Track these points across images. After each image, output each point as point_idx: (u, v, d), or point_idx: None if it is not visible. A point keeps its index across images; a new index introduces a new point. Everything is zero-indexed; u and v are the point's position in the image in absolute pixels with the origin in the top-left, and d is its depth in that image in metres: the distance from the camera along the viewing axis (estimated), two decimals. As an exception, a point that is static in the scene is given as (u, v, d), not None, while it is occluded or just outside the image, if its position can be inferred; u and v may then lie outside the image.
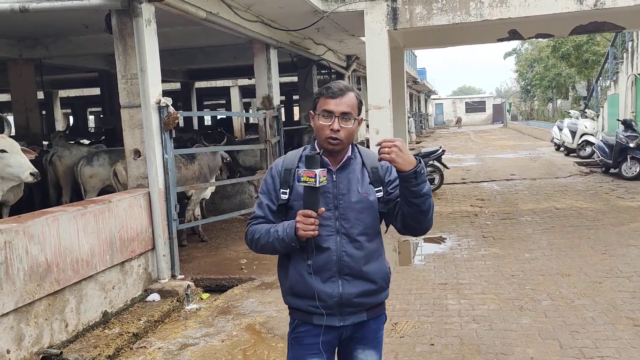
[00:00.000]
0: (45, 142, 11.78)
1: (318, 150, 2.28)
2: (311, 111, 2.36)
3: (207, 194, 8.26)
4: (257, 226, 2.36)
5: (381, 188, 2.35)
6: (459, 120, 51.45)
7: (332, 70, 14.30)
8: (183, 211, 7.95)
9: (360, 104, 2.35)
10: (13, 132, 8.19)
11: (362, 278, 2.29)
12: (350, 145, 2.37)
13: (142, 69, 5.70)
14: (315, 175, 2.12)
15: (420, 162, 2.16)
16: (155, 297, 5.60)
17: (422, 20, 6.80)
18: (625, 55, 16.40)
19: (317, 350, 2.32)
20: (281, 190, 2.34)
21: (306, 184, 2.14)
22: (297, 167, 2.32)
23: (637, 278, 5.61)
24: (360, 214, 2.28)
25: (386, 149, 2.13)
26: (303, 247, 2.24)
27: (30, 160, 5.35)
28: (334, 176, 2.31)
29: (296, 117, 24.46)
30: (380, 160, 2.18)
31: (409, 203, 2.23)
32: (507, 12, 7.45)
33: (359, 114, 2.34)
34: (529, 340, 4.29)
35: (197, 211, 8.12)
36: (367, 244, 2.30)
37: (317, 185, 2.13)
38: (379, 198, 2.34)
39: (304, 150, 2.41)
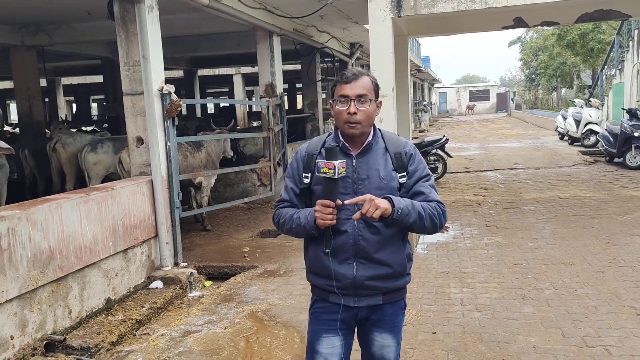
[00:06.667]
0: (48, 131, 11.78)
1: (339, 139, 2.36)
2: (329, 101, 2.43)
3: (212, 181, 8.28)
4: (282, 210, 2.44)
5: (405, 174, 2.37)
6: (470, 107, 53.43)
7: (336, 58, 14.22)
8: (186, 199, 7.97)
9: (376, 87, 2.38)
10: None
11: (377, 262, 2.33)
12: (373, 130, 2.41)
13: (144, 56, 5.67)
14: (335, 167, 2.16)
15: (394, 205, 2.21)
16: (158, 284, 5.61)
17: (426, 7, 6.72)
18: (631, 43, 16.25)
19: (333, 327, 2.39)
20: (304, 174, 2.41)
21: (325, 175, 2.18)
22: (320, 153, 2.37)
23: (640, 267, 5.61)
24: None
25: (369, 210, 2.16)
26: (322, 234, 2.30)
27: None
28: (354, 161, 2.34)
29: (299, 105, 24.38)
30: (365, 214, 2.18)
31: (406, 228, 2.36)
32: (513, -1, 7.36)
33: (376, 97, 2.37)
34: (532, 329, 4.29)
35: (206, 199, 8.14)
36: (384, 230, 2.31)
37: (336, 176, 2.17)
38: (402, 183, 2.36)
39: (327, 136, 2.46)
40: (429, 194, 2.36)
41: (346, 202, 2.23)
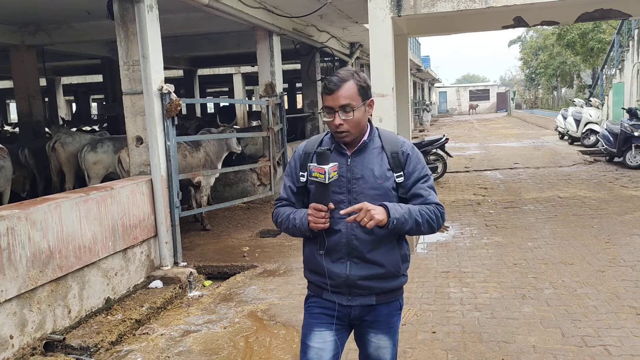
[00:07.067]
0: (48, 130, 11.78)
1: (335, 141, 2.34)
2: None
3: (212, 181, 8.27)
4: (280, 209, 2.46)
5: (402, 173, 2.33)
6: (473, 107, 54.09)
7: (336, 58, 14.22)
8: (186, 199, 7.97)
9: (362, 88, 2.29)
10: None
11: (370, 262, 2.31)
12: (370, 129, 2.38)
13: (144, 55, 5.67)
14: (325, 172, 2.14)
15: (390, 215, 2.20)
16: (157, 283, 5.61)
17: (426, 7, 6.71)
18: (631, 43, 16.25)
19: (324, 321, 2.40)
20: (300, 173, 2.40)
21: (316, 180, 2.17)
22: (315, 153, 2.34)
23: (640, 267, 5.61)
24: (373, 200, 2.24)
25: (364, 219, 2.15)
26: (315, 236, 2.32)
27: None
28: (349, 160, 2.33)
29: (299, 105, 24.37)
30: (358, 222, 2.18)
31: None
32: (513, -2, 7.34)
33: (365, 99, 2.30)
34: (531, 329, 4.29)
35: (205, 198, 8.13)
36: (377, 229, 2.25)
37: (327, 181, 2.15)
38: (399, 183, 2.33)
39: (325, 134, 2.45)
40: (428, 196, 2.34)
41: (342, 212, 2.22)
